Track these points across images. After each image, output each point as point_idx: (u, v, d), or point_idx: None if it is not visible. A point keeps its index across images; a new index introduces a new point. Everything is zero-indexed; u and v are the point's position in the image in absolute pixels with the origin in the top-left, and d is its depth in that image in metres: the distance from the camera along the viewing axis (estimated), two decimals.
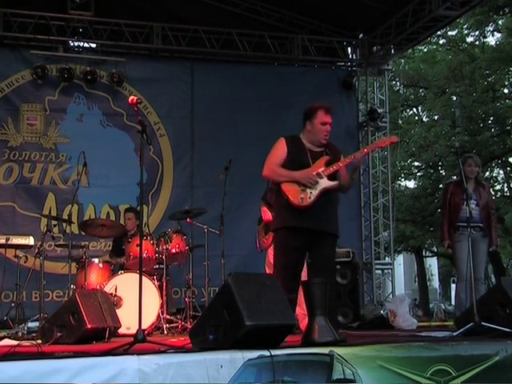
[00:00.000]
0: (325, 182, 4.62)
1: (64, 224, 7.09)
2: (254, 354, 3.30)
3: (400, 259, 30.65)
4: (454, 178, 11.91)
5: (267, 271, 6.06)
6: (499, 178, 20.83)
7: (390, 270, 10.46)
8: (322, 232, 4.64)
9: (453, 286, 26.39)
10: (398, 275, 17.00)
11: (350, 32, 10.34)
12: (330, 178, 4.68)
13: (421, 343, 3.98)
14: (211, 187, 8.55)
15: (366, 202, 10.27)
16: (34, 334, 5.57)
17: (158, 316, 6.29)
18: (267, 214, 5.99)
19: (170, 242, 6.71)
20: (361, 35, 10.46)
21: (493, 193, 17.22)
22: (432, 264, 35.43)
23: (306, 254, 4.76)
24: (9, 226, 8.44)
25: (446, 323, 9.76)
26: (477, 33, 19.17)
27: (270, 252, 6.04)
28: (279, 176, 4.68)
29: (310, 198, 4.57)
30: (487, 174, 19.07)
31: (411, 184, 23.00)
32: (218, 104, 9.59)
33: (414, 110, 22.17)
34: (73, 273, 6.74)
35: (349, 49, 10.65)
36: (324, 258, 4.70)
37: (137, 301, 3.78)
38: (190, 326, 6.07)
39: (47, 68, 9.04)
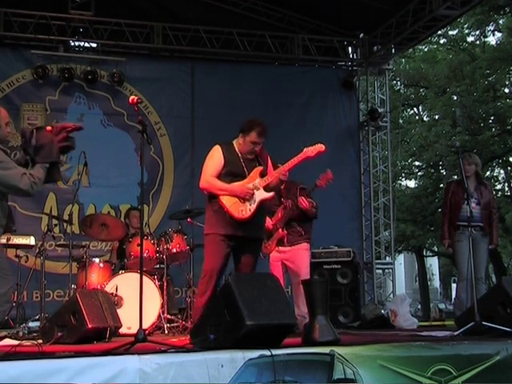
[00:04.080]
0: (261, 194, 4.83)
1: (65, 224, 7.09)
2: (255, 353, 3.30)
3: (401, 259, 30.67)
4: (455, 177, 11.91)
5: None
6: (500, 178, 20.85)
7: (390, 270, 10.46)
8: (251, 238, 4.84)
9: (453, 285, 26.37)
10: (398, 275, 16.99)
11: (350, 31, 10.33)
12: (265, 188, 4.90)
13: (421, 343, 3.98)
14: None
15: (366, 202, 10.26)
16: (34, 334, 5.57)
17: (159, 315, 6.28)
18: (267, 222, 5.99)
19: (171, 241, 6.70)
20: (361, 35, 10.45)
21: (493, 192, 17.20)
22: (433, 264, 35.45)
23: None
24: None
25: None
26: (477, 32, 19.19)
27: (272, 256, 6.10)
28: (217, 190, 4.83)
29: (249, 210, 4.78)
30: (488, 173, 19.07)
31: (412, 184, 23.04)
32: (219, 104, 9.58)
33: (415, 109, 22.18)
34: (73, 272, 6.74)
35: (349, 48, 10.64)
36: (249, 264, 4.88)
37: (137, 300, 3.77)
38: (190, 326, 6.06)
39: (48, 68, 9.02)
